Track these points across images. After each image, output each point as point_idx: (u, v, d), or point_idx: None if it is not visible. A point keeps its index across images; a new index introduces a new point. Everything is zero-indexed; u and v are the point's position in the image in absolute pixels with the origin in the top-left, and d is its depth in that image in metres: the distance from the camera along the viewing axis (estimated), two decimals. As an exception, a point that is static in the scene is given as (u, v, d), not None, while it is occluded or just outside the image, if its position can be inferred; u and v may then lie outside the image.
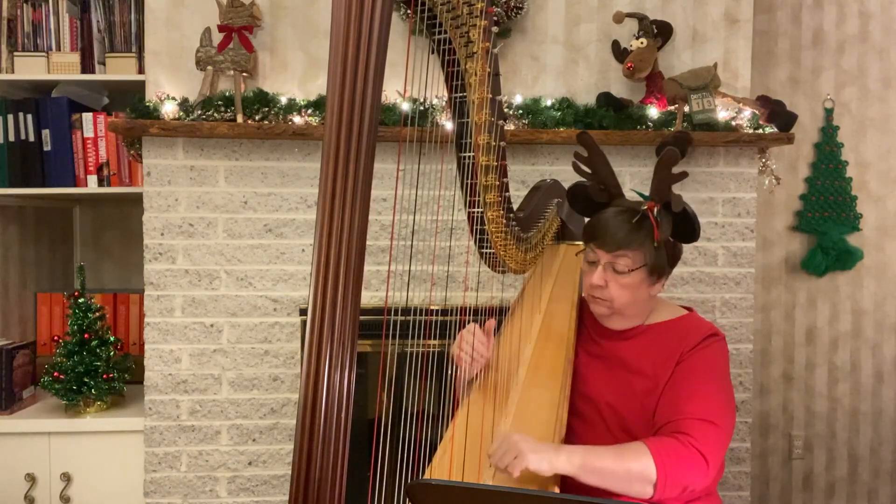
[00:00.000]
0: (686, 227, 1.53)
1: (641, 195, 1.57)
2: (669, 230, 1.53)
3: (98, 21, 2.58)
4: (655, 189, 1.52)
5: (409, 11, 2.24)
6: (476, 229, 1.45)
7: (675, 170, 1.47)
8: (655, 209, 1.51)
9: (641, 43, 2.33)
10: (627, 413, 1.53)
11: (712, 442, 1.38)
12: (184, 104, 2.28)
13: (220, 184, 2.38)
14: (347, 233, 0.89)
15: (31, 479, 2.35)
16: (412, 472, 1.29)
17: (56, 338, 2.57)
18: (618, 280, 1.53)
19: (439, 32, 1.25)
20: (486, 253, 1.51)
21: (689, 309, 1.66)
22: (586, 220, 1.65)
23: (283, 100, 2.29)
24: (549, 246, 1.84)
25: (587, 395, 1.58)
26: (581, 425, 1.59)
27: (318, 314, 0.89)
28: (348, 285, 0.89)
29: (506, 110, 2.31)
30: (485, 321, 1.58)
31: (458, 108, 1.33)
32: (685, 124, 2.34)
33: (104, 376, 2.39)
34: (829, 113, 3.01)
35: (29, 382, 2.50)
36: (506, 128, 2.13)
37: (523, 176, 2.42)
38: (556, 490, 1.29)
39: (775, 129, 2.39)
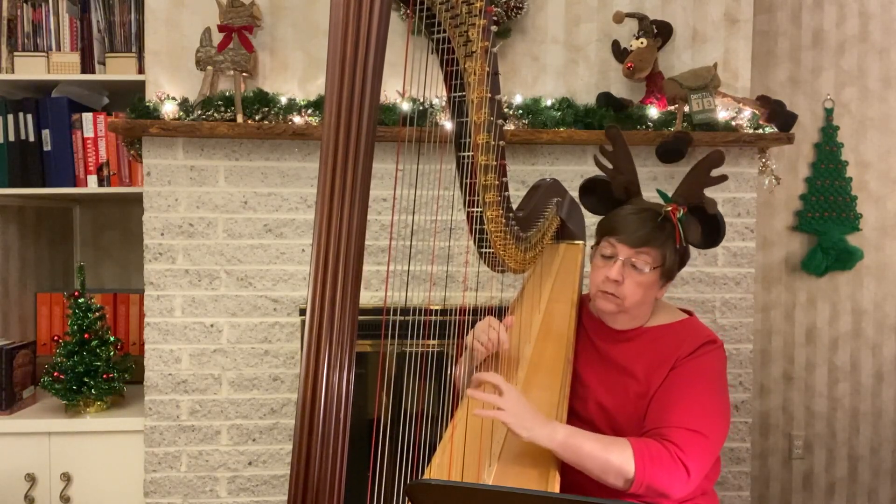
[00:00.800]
0: (712, 232, 1.51)
1: (664, 196, 1.55)
2: (698, 233, 1.50)
3: (98, 21, 2.58)
4: (686, 189, 1.49)
5: (407, 11, 2.24)
6: (475, 229, 1.45)
7: (714, 172, 1.45)
8: (680, 211, 1.49)
9: (641, 43, 2.33)
10: (619, 415, 1.53)
11: (697, 453, 1.37)
12: (184, 104, 2.28)
13: (220, 184, 2.38)
14: (346, 233, 0.89)
15: (31, 479, 2.35)
16: (412, 472, 1.29)
17: (56, 338, 2.57)
18: (635, 278, 1.51)
19: (438, 32, 1.25)
20: (485, 252, 1.50)
21: (689, 312, 1.65)
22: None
23: (283, 100, 2.29)
24: (548, 245, 1.84)
25: (580, 395, 1.58)
26: (572, 424, 1.58)
27: (317, 314, 0.89)
28: (347, 285, 0.89)
29: (506, 110, 2.31)
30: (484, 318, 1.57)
31: (458, 108, 1.32)
32: (685, 124, 2.33)
33: (104, 376, 2.39)
34: (829, 113, 3.00)
35: (29, 382, 2.50)
36: (505, 128, 2.13)
37: (523, 176, 2.42)
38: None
39: (775, 129, 2.39)
